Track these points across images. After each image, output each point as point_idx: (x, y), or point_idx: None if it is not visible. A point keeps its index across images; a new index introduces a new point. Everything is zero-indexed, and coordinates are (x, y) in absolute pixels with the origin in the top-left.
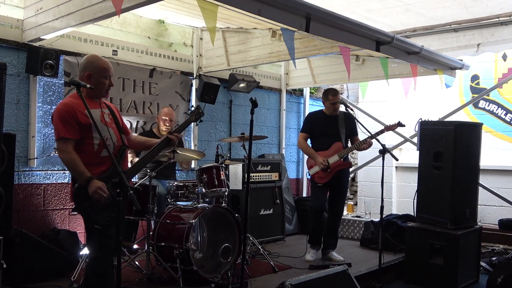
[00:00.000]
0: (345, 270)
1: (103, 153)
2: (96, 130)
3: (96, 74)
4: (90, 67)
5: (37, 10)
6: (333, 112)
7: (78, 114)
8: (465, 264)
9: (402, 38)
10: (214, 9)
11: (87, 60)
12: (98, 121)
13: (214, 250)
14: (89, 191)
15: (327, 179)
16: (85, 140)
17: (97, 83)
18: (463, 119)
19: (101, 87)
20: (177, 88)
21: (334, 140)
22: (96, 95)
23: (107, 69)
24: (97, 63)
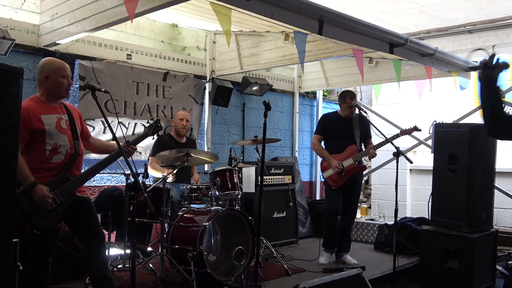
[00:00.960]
0: (359, 274)
1: (53, 159)
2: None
3: (52, 74)
4: (46, 68)
5: (53, 15)
6: (349, 115)
7: (32, 119)
8: (481, 268)
9: (416, 40)
10: (227, 13)
11: (43, 63)
12: (53, 128)
13: (228, 253)
14: (34, 196)
15: (341, 182)
16: (37, 144)
17: (55, 84)
18: (478, 121)
19: (60, 87)
20: (190, 91)
21: (349, 143)
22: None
23: (63, 68)
24: (52, 64)
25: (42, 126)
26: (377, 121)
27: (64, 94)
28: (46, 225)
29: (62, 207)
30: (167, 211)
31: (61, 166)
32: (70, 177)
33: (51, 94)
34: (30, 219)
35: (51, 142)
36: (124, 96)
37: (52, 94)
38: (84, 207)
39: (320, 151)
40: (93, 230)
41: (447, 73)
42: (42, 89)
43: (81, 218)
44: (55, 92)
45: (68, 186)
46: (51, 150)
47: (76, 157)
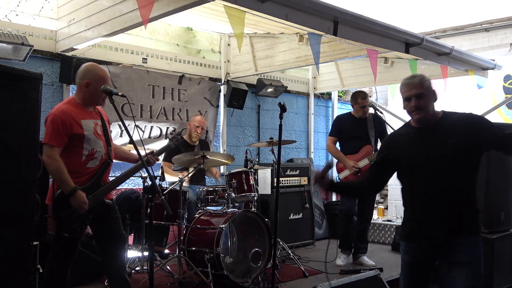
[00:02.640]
0: (377, 275)
1: (89, 164)
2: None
3: (94, 82)
4: (88, 75)
5: (70, 21)
6: (362, 115)
7: (73, 125)
8: (501, 268)
9: (432, 39)
10: (241, 16)
11: (86, 69)
12: (91, 133)
13: (244, 255)
14: (73, 201)
15: None
16: (75, 149)
17: (95, 92)
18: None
19: (98, 96)
20: (205, 94)
21: (364, 144)
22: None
23: (105, 78)
24: (95, 71)
25: (82, 131)
26: (394, 121)
27: (101, 102)
28: (76, 229)
29: (92, 213)
30: (184, 213)
31: (94, 171)
32: (102, 184)
33: (89, 100)
34: (62, 223)
35: (89, 147)
36: (140, 100)
37: (90, 100)
38: (110, 210)
39: (335, 152)
40: (117, 233)
41: (464, 72)
42: (80, 94)
43: (105, 221)
44: (93, 99)
45: (99, 193)
46: (88, 155)
47: (109, 163)
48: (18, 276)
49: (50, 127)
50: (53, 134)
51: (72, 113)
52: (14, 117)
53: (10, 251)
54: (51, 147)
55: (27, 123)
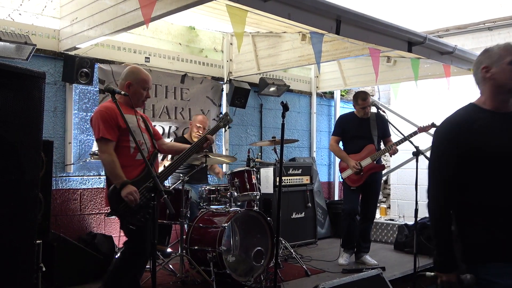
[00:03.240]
0: (379, 274)
1: (137, 157)
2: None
3: (136, 84)
4: (131, 77)
5: (73, 20)
6: (364, 115)
7: (118, 117)
8: None
9: (435, 38)
10: (243, 15)
11: (130, 70)
12: (135, 126)
13: (247, 254)
14: (122, 194)
15: (360, 182)
16: (122, 143)
17: (135, 93)
18: None
19: (138, 97)
20: (208, 93)
21: (366, 143)
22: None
23: (147, 81)
24: (138, 74)
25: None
26: (396, 120)
27: (140, 104)
28: (139, 220)
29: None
30: (186, 212)
31: (144, 163)
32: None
33: (128, 99)
34: (123, 216)
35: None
36: None
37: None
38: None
39: (337, 152)
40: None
41: (467, 71)
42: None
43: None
44: (132, 100)
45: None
46: (135, 147)
47: (157, 154)
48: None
49: (100, 122)
50: (105, 128)
51: (115, 108)
52: (17, 116)
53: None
54: (106, 141)
55: (30, 122)
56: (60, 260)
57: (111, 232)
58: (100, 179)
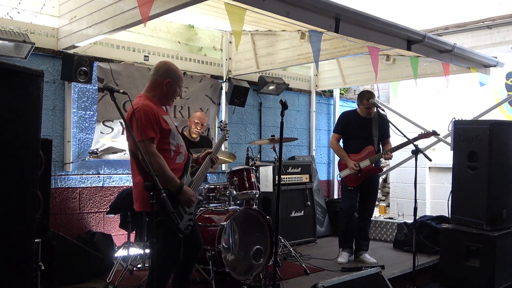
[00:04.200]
0: (379, 273)
1: (177, 160)
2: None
3: (174, 82)
4: (171, 74)
5: (71, 19)
6: (367, 115)
7: (160, 119)
8: (503, 267)
9: (434, 36)
10: (241, 13)
11: (168, 67)
12: (174, 128)
13: (246, 252)
14: (181, 198)
15: (358, 182)
16: (163, 145)
17: (171, 92)
18: (498, 118)
19: (173, 95)
20: (207, 91)
21: (367, 144)
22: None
23: (182, 78)
24: (177, 72)
25: (167, 126)
26: (395, 119)
27: (171, 103)
28: (187, 227)
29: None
30: None
31: (182, 166)
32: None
33: (163, 99)
34: (175, 223)
35: (174, 142)
36: None
37: (163, 99)
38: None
39: (338, 150)
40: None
41: (466, 69)
42: (156, 91)
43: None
44: (166, 99)
45: (193, 187)
46: (175, 150)
47: (190, 157)
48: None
49: (145, 122)
50: (150, 127)
51: (156, 109)
52: (16, 115)
53: (12, 248)
54: (152, 142)
55: (28, 121)
56: (59, 259)
57: (110, 231)
58: (99, 178)
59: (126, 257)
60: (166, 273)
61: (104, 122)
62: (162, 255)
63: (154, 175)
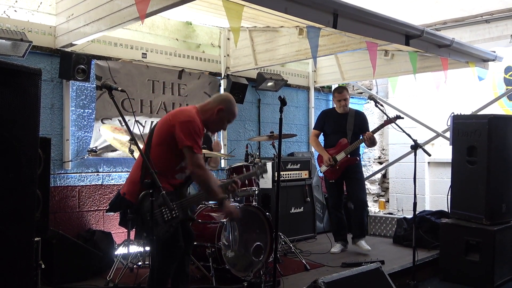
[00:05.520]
0: (379, 268)
1: (178, 176)
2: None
3: (226, 113)
4: (226, 104)
5: (69, 17)
6: (343, 111)
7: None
8: (502, 261)
9: (432, 31)
10: (239, 9)
11: (227, 97)
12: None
13: (246, 249)
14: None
15: (338, 175)
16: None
17: (220, 121)
18: (497, 112)
19: (219, 126)
20: (205, 88)
21: (340, 137)
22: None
23: (235, 115)
24: (233, 106)
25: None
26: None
27: (213, 132)
28: (163, 233)
29: (176, 221)
30: None
31: (178, 184)
32: (186, 195)
33: (208, 124)
34: (148, 226)
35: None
36: (140, 95)
37: (209, 125)
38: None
39: (316, 145)
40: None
41: (465, 64)
42: (207, 115)
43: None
44: (212, 125)
45: (184, 202)
46: (181, 168)
47: (191, 179)
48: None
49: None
50: (198, 140)
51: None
52: (14, 113)
53: (12, 247)
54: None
55: (26, 119)
56: (59, 257)
57: (110, 229)
58: (98, 176)
59: (126, 255)
60: (166, 269)
61: (103, 120)
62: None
63: (154, 173)
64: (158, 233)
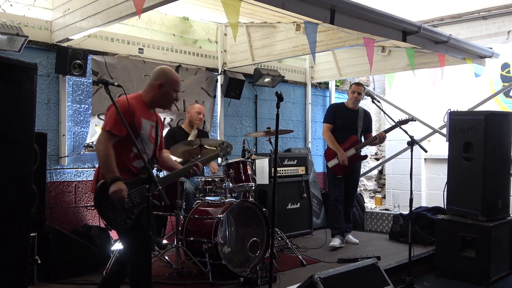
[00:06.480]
0: (375, 263)
1: (135, 163)
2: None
3: (167, 85)
4: (163, 77)
5: (65, 11)
6: (354, 107)
7: (136, 117)
8: (498, 257)
9: (430, 27)
10: (236, 5)
11: (162, 70)
12: (146, 134)
13: (242, 245)
14: (110, 190)
15: (346, 171)
16: (127, 144)
17: (166, 94)
18: (493, 109)
19: (168, 99)
20: (202, 84)
21: (351, 134)
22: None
23: (178, 82)
24: (170, 75)
25: (139, 129)
26: (391, 110)
27: (168, 106)
28: (119, 222)
29: (137, 208)
30: (181, 203)
31: (139, 170)
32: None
33: (157, 102)
34: (104, 214)
35: (140, 147)
36: (137, 90)
37: (158, 102)
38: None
39: (331, 141)
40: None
41: (461, 60)
42: (150, 94)
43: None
44: (161, 101)
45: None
46: (136, 154)
47: (155, 162)
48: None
49: (113, 115)
50: (113, 120)
51: (136, 108)
52: (9, 108)
53: (8, 242)
54: (109, 134)
55: (22, 114)
56: (55, 252)
57: None
58: None
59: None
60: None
61: (99, 116)
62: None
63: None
64: (119, 222)
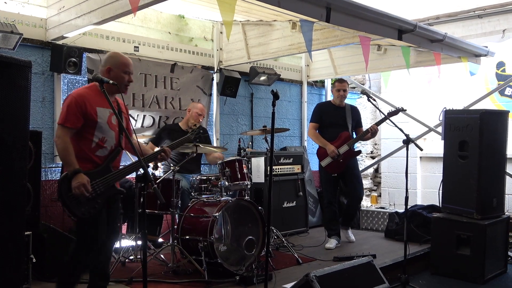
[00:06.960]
0: (370, 262)
1: (98, 152)
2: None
3: (115, 68)
4: (110, 61)
5: (60, 9)
6: (340, 103)
7: (87, 108)
8: (493, 255)
9: (425, 26)
10: (232, 3)
11: (108, 55)
12: (104, 122)
13: (238, 243)
14: (72, 183)
15: (341, 169)
16: (86, 134)
17: (116, 77)
18: (489, 107)
19: (120, 81)
20: (198, 82)
21: (342, 130)
22: (114, 91)
23: (127, 64)
24: (117, 58)
25: (95, 118)
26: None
27: (123, 89)
28: (83, 213)
29: (101, 198)
30: (177, 202)
31: (103, 159)
32: (112, 169)
33: (110, 87)
34: (68, 206)
35: (100, 135)
36: (132, 88)
37: (111, 87)
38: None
39: (316, 138)
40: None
41: (457, 59)
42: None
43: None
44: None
45: (109, 178)
46: (98, 143)
47: (119, 151)
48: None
49: (66, 108)
50: (67, 115)
51: (90, 98)
52: (3, 106)
53: (2, 241)
54: (63, 127)
55: (16, 112)
56: (50, 251)
57: None
58: None
59: (118, 249)
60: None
61: None
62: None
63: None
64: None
